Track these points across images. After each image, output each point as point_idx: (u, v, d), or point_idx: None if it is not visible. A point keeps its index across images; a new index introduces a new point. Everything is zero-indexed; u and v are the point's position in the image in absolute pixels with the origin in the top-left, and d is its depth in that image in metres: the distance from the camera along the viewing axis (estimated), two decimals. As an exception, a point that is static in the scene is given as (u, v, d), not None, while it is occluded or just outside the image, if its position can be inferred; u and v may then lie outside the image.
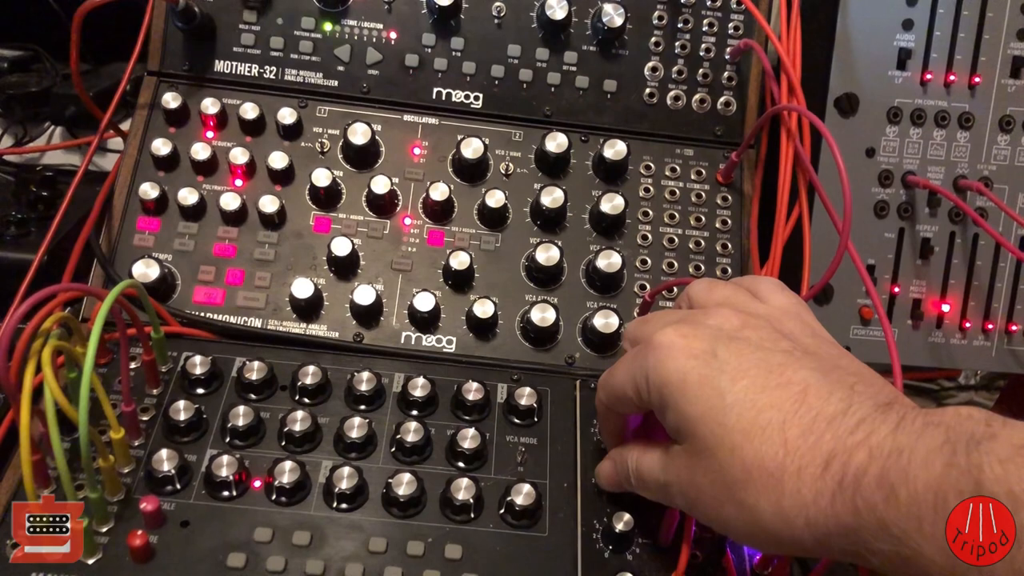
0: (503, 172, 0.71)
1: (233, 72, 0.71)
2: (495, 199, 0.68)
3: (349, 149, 0.69)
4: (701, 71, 0.73)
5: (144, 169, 0.68)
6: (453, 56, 0.72)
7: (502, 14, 0.72)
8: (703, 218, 0.71)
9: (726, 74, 0.73)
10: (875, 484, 0.36)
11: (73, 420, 0.47)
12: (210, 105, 0.68)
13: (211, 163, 0.68)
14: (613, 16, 0.70)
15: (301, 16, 0.71)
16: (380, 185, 0.67)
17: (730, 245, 0.70)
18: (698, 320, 0.47)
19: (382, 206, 0.68)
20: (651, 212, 0.71)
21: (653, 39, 0.73)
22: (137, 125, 0.69)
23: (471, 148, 0.68)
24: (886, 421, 0.38)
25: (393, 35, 0.72)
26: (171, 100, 0.69)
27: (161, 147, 0.67)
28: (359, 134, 0.68)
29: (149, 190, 0.66)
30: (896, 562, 0.36)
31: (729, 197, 0.72)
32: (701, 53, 0.73)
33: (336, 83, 0.72)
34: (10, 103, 1.09)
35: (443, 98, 0.72)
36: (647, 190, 0.71)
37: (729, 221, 0.71)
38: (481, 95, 0.72)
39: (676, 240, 0.70)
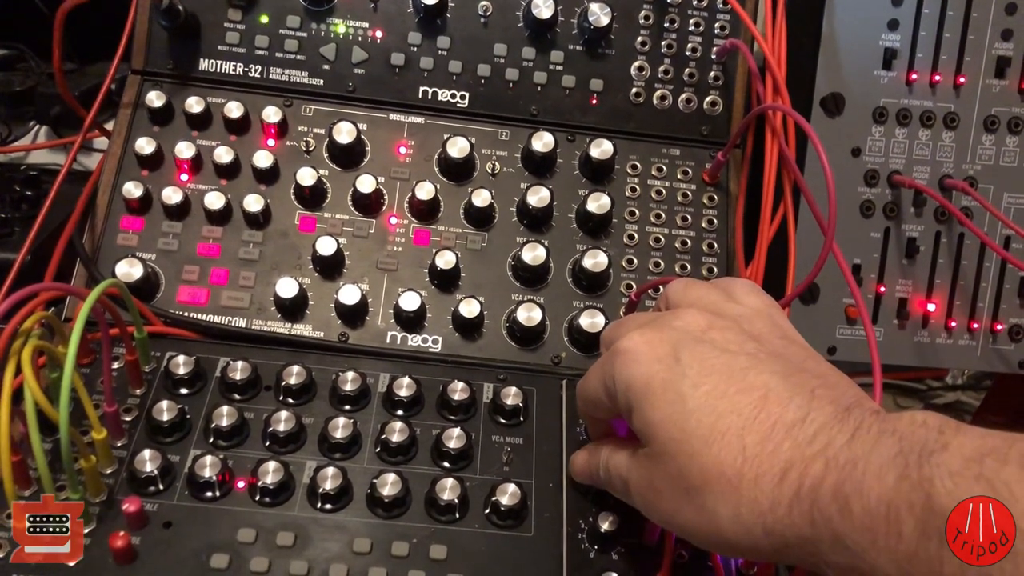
0: (489, 171, 0.70)
1: (218, 71, 0.71)
2: (481, 198, 0.67)
3: (335, 148, 0.69)
4: (687, 71, 0.73)
5: (128, 168, 0.68)
6: (439, 55, 0.72)
7: (488, 13, 0.72)
8: (689, 218, 0.71)
9: (712, 74, 0.73)
10: (830, 496, 0.36)
11: (54, 420, 0.46)
12: (194, 104, 0.68)
13: (195, 163, 0.67)
14: (599, 16, 0.70)
15: (286, 15, 0.71)
16: (366, 184, 0.67)
17: (716, 244, 0.70)
18: (664, 323, 0.46)
19: (368, 205, 0.68)
20: (637, 212, 0.70)
21: (639, 38, 0.73)
22: (121, 124, 0.69)
23: (457, 147, 0.68)
24: (843, 430, 0.38)
25: (379, 34, 0.72)
26: (155, 99, 0.68)
27: (145, 146, 0.67)
28: (344, 133, 0.67)
29: (133, 189, 0.65)
30: (852, 573, 0.36)
31: (715, 196, 0.72)
32: (687, 53, 0.73)
33: (321, 82, 0.71)
34: (-6, 104, 1.08)
35: (429, 97, 0.72)
36: (633, 190, 0.71)
37: (715, 220, 0.71)
38: (467, 94, 0.72)
39: (662, 239, 0.70)
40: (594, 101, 0.73)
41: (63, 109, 1.04)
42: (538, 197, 0.67)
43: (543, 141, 0.69)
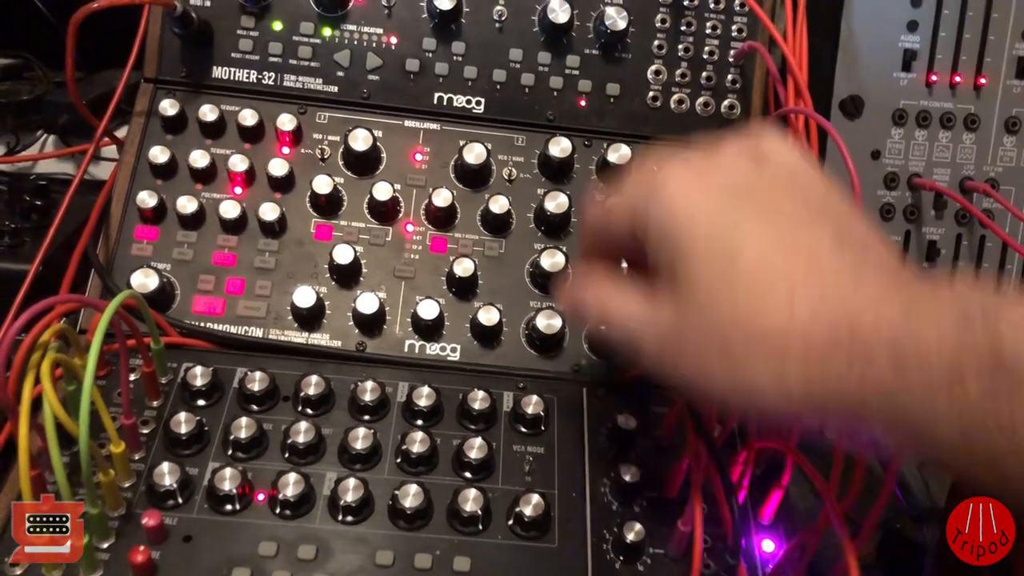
0: (506, 177, 0.70)
1: (231, 78, 0.70)
2: (498, 205, 0.67)
3: (350, 155, 0.68)
4: (705, 74, 0.72)
5: (142, 177, 0.67)
6: (454, 61, 0.71)
7: (503, 18, 0.71)
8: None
9: (730, 77, 0.73)
10: (885, 358, 0.34)
11: (73, 434, 0.46)
12: (208, 112, 0.67)
13: (210, 171, 0.67)
14: (616, 19, 0.70)
15: (300, 21, 0.70)
16: (382, 192, 0.66)
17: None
18: (713, 168, 0.43)
19: (384, 213, 0.67)
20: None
21: (656, 42, 0.72)
22: (134, 133, 0.68)
23: (473, 153, 0.67)
24: (898, 294, 0.36)
25: (393, 40, 0.71)
26: (168, 107, 0.68)
27: (159, 155, 0.66)
28: (360, 140, 0.67)
29: (147, 198, 0.65)
30: (903, 434, 0.35)
31: (734, 201, 0.71)
32: (704, 56, 0.72)
33: (336, 89, 0.71)
34: (2, 112, 1.08)
35: (444, 103, 0.71)
36: (651, 195, 0.70)
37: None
38: (483, 100, 0.72)
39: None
40: (611, 106, 0.72)
41: (71, 118, 1.04)
42: (556, 203, 0.67)
43: (560, 147, 0.68)
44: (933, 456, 0.35)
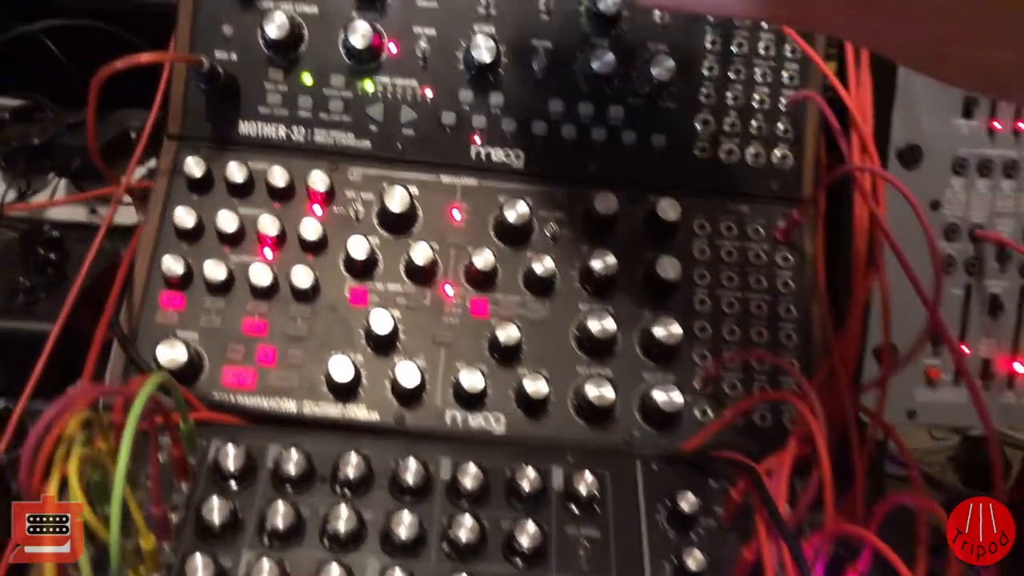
0: (548, 235, 0.66)
1: (259, 134, 0.67)
2: (542, 267, 0.63)
3: (386, 215, 0.64)
4: (754, 123, 0.69)
5: (166, 240, 0.64)
6: (492, 113, 0.68)
7: (543, 69, 0.68)
8: (763, 280, 0.66)
9: (781, 125, 0.69)
10: None
11: (103, 539, 0.42)
12: (236, 171, 0.64)
13: (238, 233, 0.63)
14: (661, 69, 0.66)
15: (331, 74, 0.67)
16: (420, 254, 0.63)
17: (794, 309, 0.66)
18: None
19: (422, 275, 0.64)
20: (707, 275, 0.66)
21: (703, 90, 0.69)
22: (158, 193, 0.65)
23: (515, 212, 0.64)
24: None
25: (428, 92, 0.68)
26: (194, 166, 0.64)
27: (184, 217, 0.63)
28: (396, 200, 0.64)
29: (173, 264, 0.61)
30: None
31: (790, 256, 0.67)
32: (754, 104, 0.69)
33: (369, 144, 0.68)
34: (12, 156, 1.05)
35: (482, 157, 0.68)
36: (702, 251, 0.67)
37: (791, 283, 0.66)
38: (522, 153, 0.68)
39: (736, 304, 0.65)
40: (656, 158, 0.69)
41: (84, 161, 1.01)
42: (603, 264, 0.63)
43: (606, 203, 0.65)
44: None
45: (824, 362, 0.61)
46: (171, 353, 0.58)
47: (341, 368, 0.59)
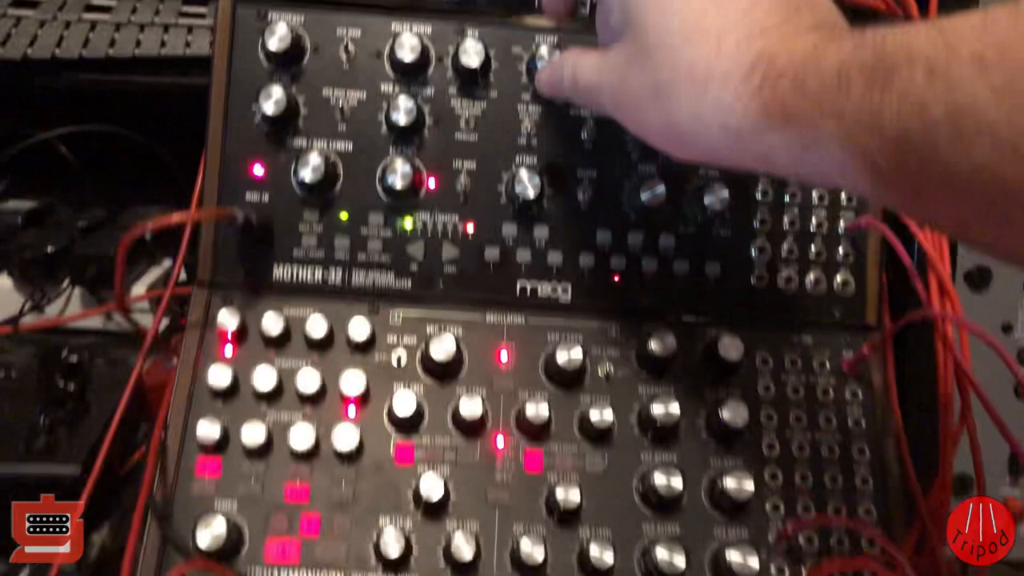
0: (602, 376, 0.63)
1: (294, 278, 0.64)
2: (599, 415, 0.59)
3: (430, 362, 0.61)
4: (813, 248, 0.66)
5: (200, 400, 0.60)
6: (537, 247, 0.65)
7: (588, 198, 0.65)
8: (833, 419, 0.62)
9: (841, 250, 0.66)
10: (789, 83, 0.38)
11: None
12: (272, 324, 0.61)
13: (276, 390, 0.60)
14: (715, 198, 0.63)
15: (368, 212, 0.64)
16: (469, 407, 0.59)
17: (867, 450, 0.62)
18: None
19: (471, 426, 0.60)
20: (774, 415, 0.62)
21: (758, 216, 0.66)
22: (189, 348, 0.62)
23: (567, 356, 0.60)
24: (816, 34, 0.39)
25: (471, 227, 0.65)
26: (228, 318, 0.61)
27: (219, 377, 0.59)
28: (442, 348, 0.60)
29: (209, 429, 0.58)
30: (796, 151, 0.39)
31: (859, 391, 0.63)
32: (812, 228, 0.66)
33: (409, 283, 0.64)
34: (27, 267, 1.02)
35: (528, 293, 0.65)
36: (767, 388, 0.63)
37: (862, 421, 0.62)
38: (570, 287, 0.65)
39: (806, 448, 0.61)
40: (711, 289, 0.65)
41: (99, 270, 0.98)
42: (666, 412, 0.59)
43: (663, 344, 0.61)
44: (826, 170, 0.39)
45: (915, 526, 0.57)
46: (211, 533, 0.54)
47: (391, 542, 0.55)
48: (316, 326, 0.61)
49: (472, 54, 0.63)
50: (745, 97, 0.40)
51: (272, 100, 0.62)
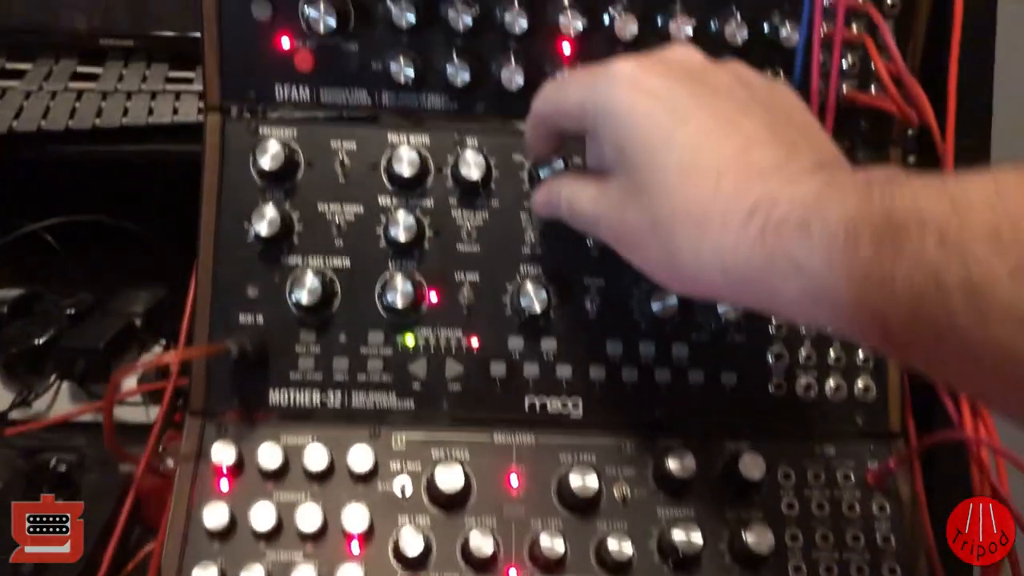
0: (619, 499, 0.60)
1: (291, 403, 0.61)
2: (617, 546, 0.56)
3: (436, 492, 0.58)
4: (832, 353, 0.63)
5: (195, 542, 0.57)
6: (545, 360, 0.62)
7: (596, 308, 0.62)
8: (861, 536, 0.59)
9: (860, 354, 0.63)
10: (793, 228, 0.37)
11: None
12: (268, 456, 0.58)
13: (275, 529, 0.56)
14: (729, 308, 0.61)
15: (367, 331, 0.61)
16: (479, 542, 0.56)
17: (899, 569, 0.59)
18: (660, 55, 0.47)
19: (482, 562, 0.57)
20: (800, 535, 0.59)
21: (774, 321, 0.63)
22: (182, 485, 0.58)
23: (582, 482, 0.58)
24: (818, 177, 0.39)
25: (475, 342, 0.62)
26: (222, 452, 0.58)
27: (214, 516, 0.56)
28: (448, 479, 0.57)
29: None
30: (805, 301, 0.38)
31: (886, 504, 0.61)
32: (829, 333, 0.63)
33: (412, 403, 0.61)
34: (13, 362, 0.99)
35: (537, 410, 0.62)
36: (790, 506, 0.60)
37: (892, 536, 0.60)
38: (581, 401, 0.62)
39: (834, 569, 0.58)
40: (728, 399, 0.62)
41: (88, 363, 0.95)
42: (687, 539, 0.56)
43: (681, 464, 0.59)
44: (831, 322, 0.38)
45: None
46: None
47: None
48: (315, 458, 0.58)
49: (472, 166, 0.61)
50: (746, 242, 0.39)
51: (265, 220, 0.59)
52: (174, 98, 1.02)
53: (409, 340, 0.62)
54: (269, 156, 0.60)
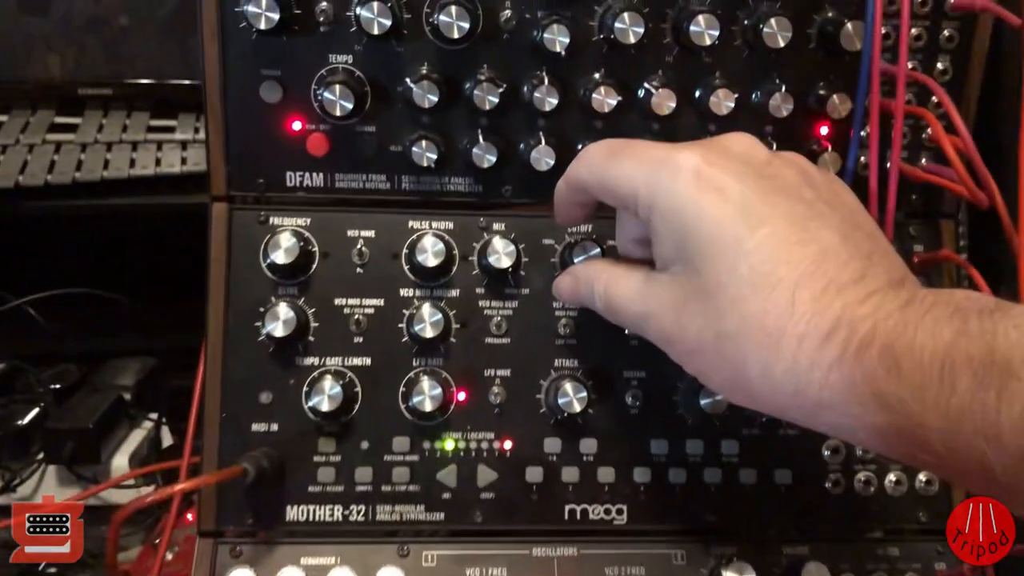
0: (672, 615, 0.55)
1: (311, 518, 0.56)
2: (676, 673, 0.51)
3: (474, 619, 0.53)
4: (891, 445, 0.59)
5: None
6: (584, 462, 0.57)
7: (639, 403, 0.58)
8: (934, 647, 0.55)
9: (921, 445, 0.59)
10: (877, 356, 0.35)
11: None
12: (290, 586, 0.52)
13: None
14: (784, 401, 0.56)
15: (392, 438, 0.56)
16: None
17: None
18: (724, 147, 0.43)
19: None
20: (869, 650, 0.55)
21: (828, 413, 0.59)
22: (196, 618, 0.53)
23: (633, 601, 0.53)
24: (897, 297, 0.36)
25: (508, 444, 0.57)
26: (238, 579, 0.52)
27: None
28: (490, 607, 0.52)
29: None
30: (891, 434, 0.35)
31: (960, 612, 0.56)
32: (887, 423, 0.59)
33: (442, 515, 0.56)
34: (-4, 445, 0.93)
35: (578, 518, 0.57)
36: (857, 616, 0.55)
37: (967, 647, 0.55)
38: (625, 507, 0.57)
39: None
40: (783, 498, 0.58)
41: (76, 444, 0.90)
42: (752, 664, 0.51)
43: (741, 577, 0.54)
44: (920, 456, 0.35)
45: None
46: None
47: None
48: (342, 583, 0.53)
49: (501, 253, 0.56)
50: (824, 365, 0.36)
51: (280, 321, 0.54)
52: (156, 148, 0.99)
53: (437, 445, 0.57)
54: (282, 249, 0.55)
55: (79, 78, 1.03)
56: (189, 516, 0.68)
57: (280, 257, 0.55)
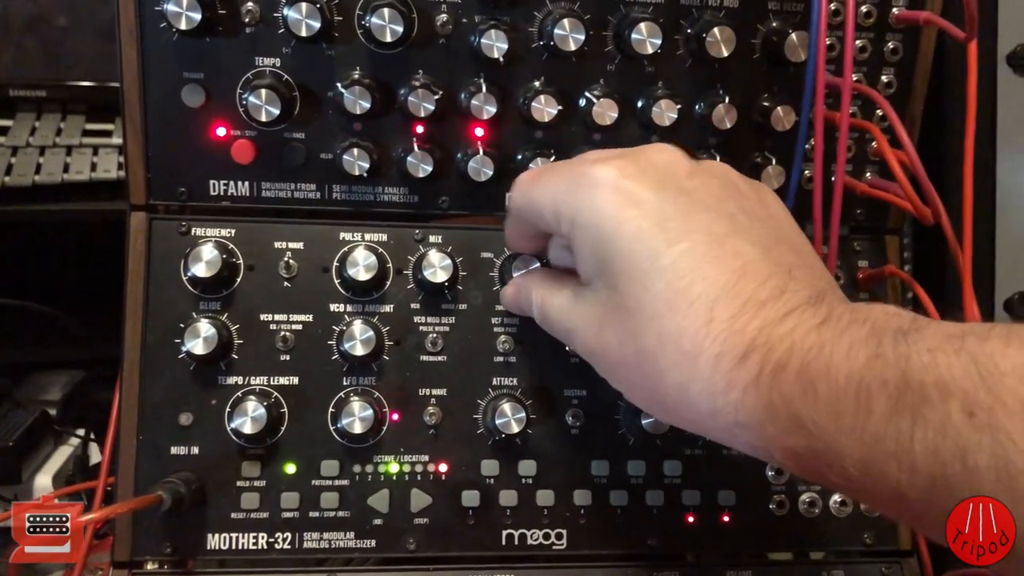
0: (613, 645, 0.53)
1: (233, 546, 0.53)
2: None
3: (406, 651, 0.50)
4: (836, 465, 0.57)
5: None
6: (523, 485, 0.55)
7: (580, 424, 0.56)
8: (879, 675, 0.54)
9: (866, 464, 0.58)
10: (794, 378, 0.34)
11: None
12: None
13: None
14: (728, 421, 0.55)
15: (320, 460, 0.54)
16: None
17: None
18: (646, 159, 0.42)
19: None
20: (814, 677, 0.53)
21: (773, 433, 0.57)
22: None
23: (574, 632, 0.50)
24: (815, 315, 0.36)
25: (443, 467, 0.55)
26: (153, 616, 0.49)
27: None
28: (421, 638, 0.49)
29: None
30: (806, 456, 0.35)
31: (904, 636, 0.55)
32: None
33: (373, 543, 0.54)
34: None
35: (516, 543, 0.55)
36: (801, 642, 0.54)
37: (912, 669, 0.54)
38: (565, 532, 0.55)
39: None
40: (726, 519, 0.56)
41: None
42: None
43: (683, 604, 0.52)
44: (834, 479, 0.34)
45: None
46: None
47: None
48: (264, 616, 0.50)
49: (438, 268, 0.54)
50: (740, 386, 0.36)
51: (201, 339, 0.51)
52: (92, 153, 0.95)
53: (368, 468, 0.54)
54: (204, 262, 0.52)
55: (13, 79, 0.99)
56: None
57: (201, 270, 0.52)
